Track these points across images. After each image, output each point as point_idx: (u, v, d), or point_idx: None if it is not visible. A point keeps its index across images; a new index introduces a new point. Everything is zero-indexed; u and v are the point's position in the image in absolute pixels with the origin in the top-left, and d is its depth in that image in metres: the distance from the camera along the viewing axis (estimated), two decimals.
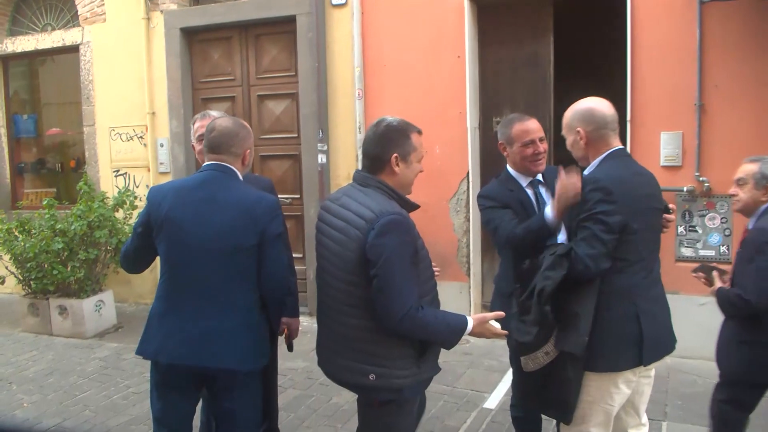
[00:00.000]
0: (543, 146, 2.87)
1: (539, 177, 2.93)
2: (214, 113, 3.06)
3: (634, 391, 2.49)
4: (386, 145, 2.31)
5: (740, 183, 2.96)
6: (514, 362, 2.83)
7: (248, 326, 2.53)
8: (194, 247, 2.46)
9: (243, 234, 2.45)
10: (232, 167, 2.58)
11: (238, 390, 2.58)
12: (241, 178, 2.61)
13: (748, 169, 2.97)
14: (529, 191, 2.92)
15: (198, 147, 3.00)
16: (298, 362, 4.98)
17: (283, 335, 3.13)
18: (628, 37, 4.84)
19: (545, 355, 2.31)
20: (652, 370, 2.55)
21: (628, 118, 4.85)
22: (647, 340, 2.32)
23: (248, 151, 2.64)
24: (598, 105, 2.46)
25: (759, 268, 2.73)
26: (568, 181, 2.39)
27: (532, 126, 2.86)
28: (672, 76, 4.74)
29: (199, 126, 3.04)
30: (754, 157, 3.05)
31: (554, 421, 3.04)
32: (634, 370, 2.38)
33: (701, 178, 4.70)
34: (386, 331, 2.23)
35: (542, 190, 2.93)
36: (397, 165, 2.31)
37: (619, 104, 4.94)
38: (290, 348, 3.23)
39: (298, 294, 3.22)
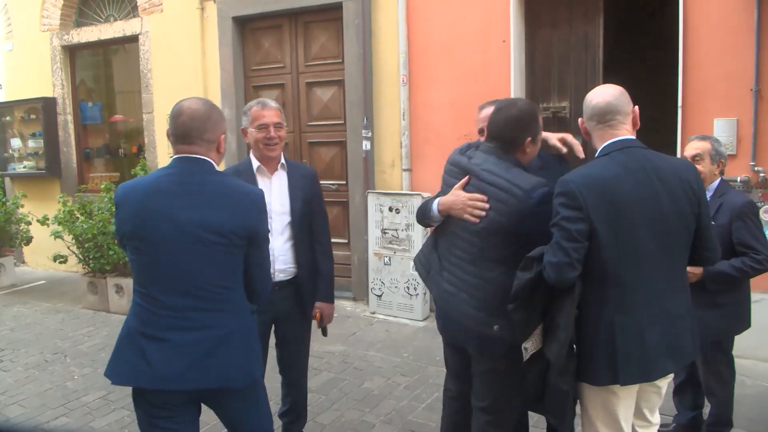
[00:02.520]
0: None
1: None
2: (271, 103, 3.03)
3: (639, 398, 2.37)
4: (522, 128, 2.44)
5: (697, 159, 3.13)
6: None
7: (246, 331, 2.27)
8: (172, 252, 2.14)
9: (230, 229, 2.16)
10: (206, 158, 2.23)
11: (243, 402, 2.35)
12: (217, 168, 2.28)
13: (701, 145, 3.15)
14: None
15: (258, 135, 2.96)
16: (337, 346, 5.05)
17: (316, 319, 3.17)
18: (680, 18, 4.60)
19: (524, 351, 2.27)
20: (661, 381, 2.37)
21: (680, 103, 4.62)
22: (623, 360, 2.14)
23: (222, 136, 2.29)
24: (592, 93, 2.31)
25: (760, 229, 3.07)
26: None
27: (485, 114, 2.76)
28: (727, 59, 4.47)
29: (260, 115, 2.95)
30: (698, 135, 3.24)
31: None
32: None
33: (757, 168, 4.43)
34: None
35: None
36: (528, 147, 2.46)
37: (671, 89, 4.78)
38: (324, 333, 3.28)
39: (333, 278, 3.22)
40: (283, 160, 3.10)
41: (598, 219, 2.10)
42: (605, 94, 2.27)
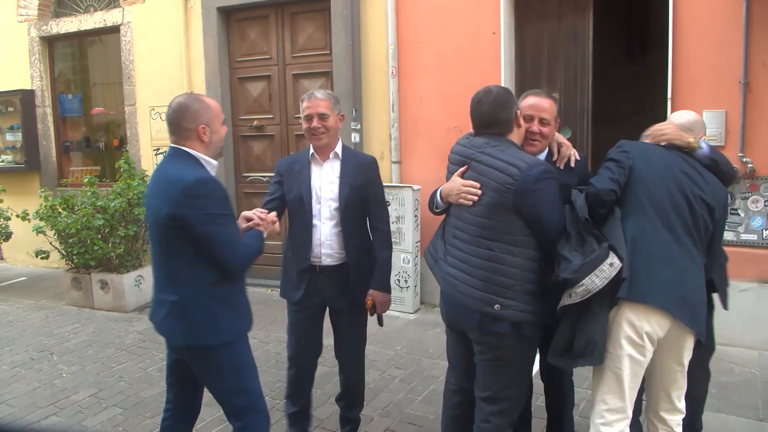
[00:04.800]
0: (538, 127, 2.75)
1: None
2: (318, 94, 3.09)
3: (662, 374, 2.51)
4: (509, 106, 2.56)
5: None
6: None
7: (177, 303, 2.49)
8: (150, 231, 2.62)
9: (163, 214, 2.41)
10: (185, 148, 2.49)
11: (202, 364, 2.58)
12: (202, 158, 2.50)
13: None
14: None
15: (305, 125, 3.10)
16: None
17: (368, 306, 3.16)
18: (670, 11, 4.64)
19: (610, 266, 2.31)
20: (683, 357, 2.49)
21: (669, 96, 4.67)
22: (634, 279, 2.34)
23: (202, 126, 2.48)
24: (678, 114, 2.88)
25: None
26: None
27: (540, 104, 2.77)
28: (716, 52, 4.53)
29: (305, 106, 3.07)
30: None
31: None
32: (633, 324, 2.37)
33: (745, 159, 4.50)
34: (525, 266, 2.45)
35: None
36: (519, 118, 2.60)
37: (661, 82, 4.82)
38: (380, 322, 3.31)
39: (390, 267, 3.23)
40: (338, 150, 3.14)
41: (637, 161, 2.51)
42: (689, 115, 2.82)
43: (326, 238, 3.06)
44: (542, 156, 2.86)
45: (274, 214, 2.78)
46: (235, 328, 2.57)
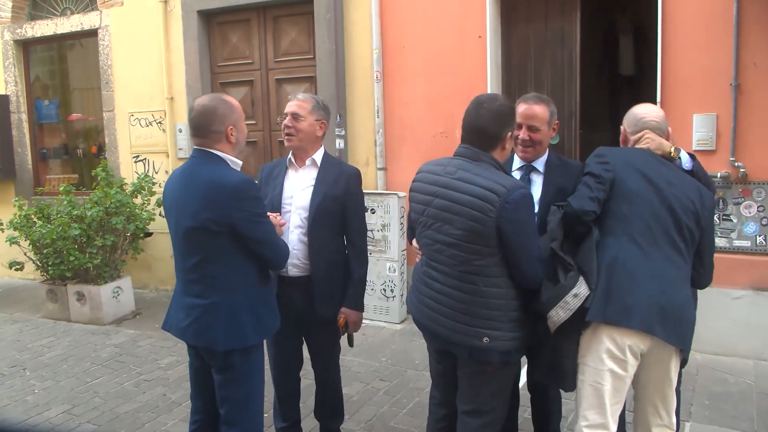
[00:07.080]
0: (526, 134, 2.73)
1: (538, 166, 2.84)
2: (300, 95, 3.01)
3: (649, 388, 2.43)
4: (504, 123, 2.39)
5: None
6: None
7: (219, 306, 2.50)
8: (174, 230, 2.56)
9: (204, 218, 2.41)
10: (212, 151, 2.50)
11: (223, 372, 2.56)
12: (228, 159, 2.51)
13: None
14: (516, 175, 2.85)
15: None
16: None
17: (339, 325, 3.05)
18: (658, 12, 4.56)
19: (574, 297, 2.27)
20: (670, 370, 2.40)
21: (659, 99, 4.58)
22: (614, 298, 2.27)
23: (230, 127, 2.51)
24: (642, 108, 2.67)
25: None
26: None
27: (529, 111, 2.74)
28: (706, 53, 4.44)
29: (287, 105, 3.01)
30: None
31: None
32: (614, 339, 2.29)
33: (737, 164, 4.41)
34: (509, 295, 2.36)
35: (533, 176, 2.85)
36: (508, 142, 2.43)
37: (650, 84, 4.74)
38: (350, 342, 3.20)
39: (364, 284, 3.13)
40: (316, 157, 3.03)
41: (618, 173, 2.42)
42: (658, 111, 2.68)
43: (292, 246, 2.92)
44: (542, 159, 2.82)
45: (278, 215, 2.82)
46: (274, 326, 2.66)
